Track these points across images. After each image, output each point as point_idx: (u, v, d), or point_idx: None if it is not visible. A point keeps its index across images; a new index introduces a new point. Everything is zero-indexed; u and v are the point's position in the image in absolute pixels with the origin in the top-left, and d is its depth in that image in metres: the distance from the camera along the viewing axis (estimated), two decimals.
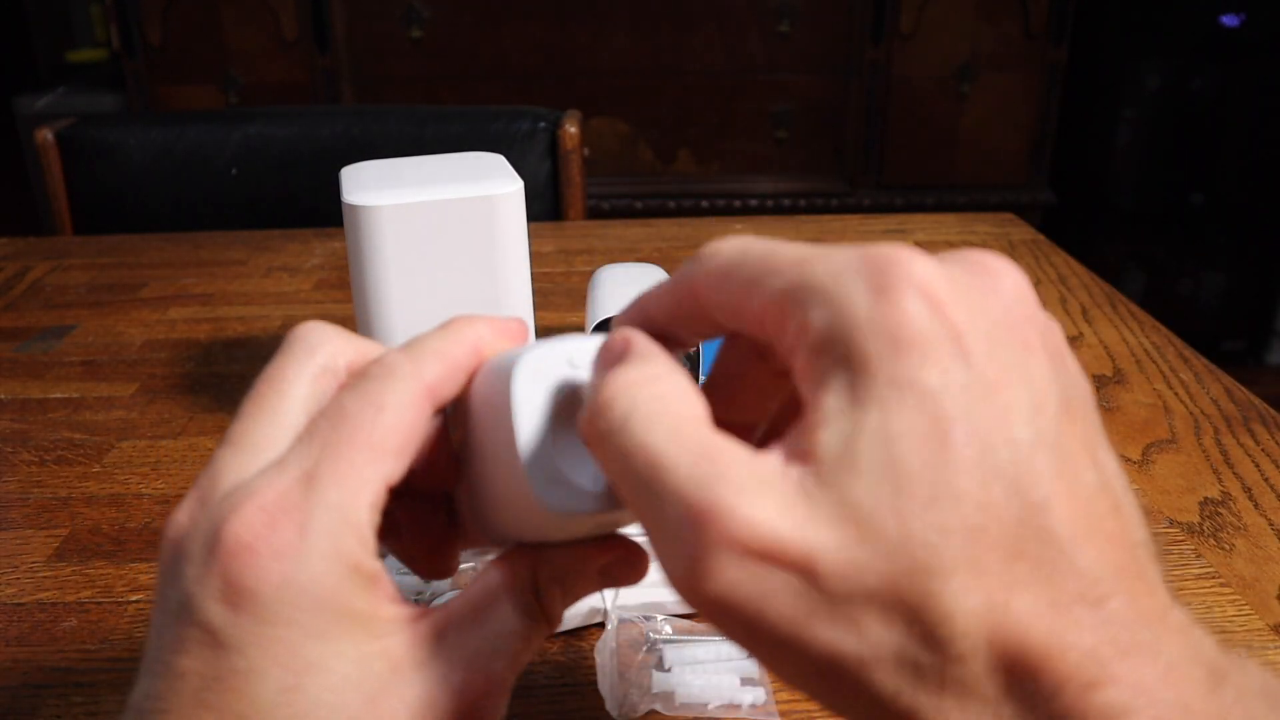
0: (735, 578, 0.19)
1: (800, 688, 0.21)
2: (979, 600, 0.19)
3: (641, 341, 0.24)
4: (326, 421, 0.25)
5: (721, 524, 0.19)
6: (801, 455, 0.20)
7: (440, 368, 0.26)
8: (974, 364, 0.20)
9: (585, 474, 0.26)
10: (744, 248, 0.23)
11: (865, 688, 0.19)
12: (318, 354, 0.27)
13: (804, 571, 0.19)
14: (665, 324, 0.26)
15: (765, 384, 0.27)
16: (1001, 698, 0.19)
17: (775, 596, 0.19)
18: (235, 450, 0.26)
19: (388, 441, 0.25)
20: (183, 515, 0.25)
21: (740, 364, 0.27)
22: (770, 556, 0.19)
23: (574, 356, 0.26)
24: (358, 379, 0.26)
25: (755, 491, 0.20)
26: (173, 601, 0.24)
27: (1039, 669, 0.19)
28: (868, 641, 0.19)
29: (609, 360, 0.24)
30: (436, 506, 0.30)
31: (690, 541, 0.20)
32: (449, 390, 0.27)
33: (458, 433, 0.29)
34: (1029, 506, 0.19)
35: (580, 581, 0.27)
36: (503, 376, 0.26)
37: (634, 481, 0.21)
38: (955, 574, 0.19)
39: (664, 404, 0.22)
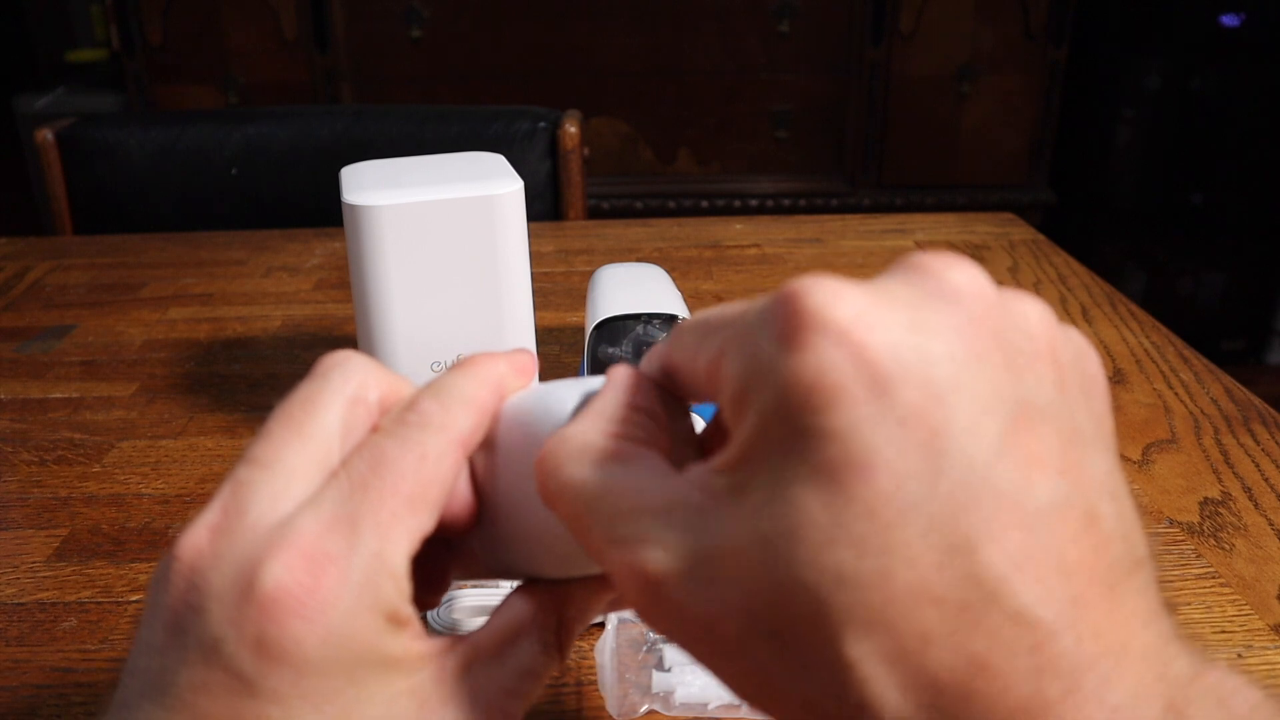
0: (665, 589, 0.21)
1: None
2: (883, 653, 0.18)
3: (609, 396, 0.25)
4: (366, 465, 0.25)
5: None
6: (702, 488, 0.21)
7: (472, 418, 0.27)
8: (893, 397, 0.19)
9: None
10: (699, 317, 0.24)
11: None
12: (351, 383, 0.27)
13: (650, 590, 0.21)
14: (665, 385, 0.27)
15: None
16: None
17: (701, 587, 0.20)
18: (264, 473, 0.25)
19: (428, 493, 0.25)
20: (201, 540, 0.24)
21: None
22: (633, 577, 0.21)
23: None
24: (397, 425, 0.26)
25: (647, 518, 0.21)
26: (193, 638, 0.23)
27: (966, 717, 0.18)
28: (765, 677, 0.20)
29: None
30: (436, 540, 0.30)
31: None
32: (478, 438, 0.27)
33: (477, 471, 0.29)
34: (951, 549, 0.18)
35: (594, 612, 0.28)
36: (545, 416, 0.26)
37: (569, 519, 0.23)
38: (849, 624, 0.18)
39: (585, 448, 0.24)
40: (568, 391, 0.27)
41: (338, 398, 0.26)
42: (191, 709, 0.23)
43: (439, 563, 0.30)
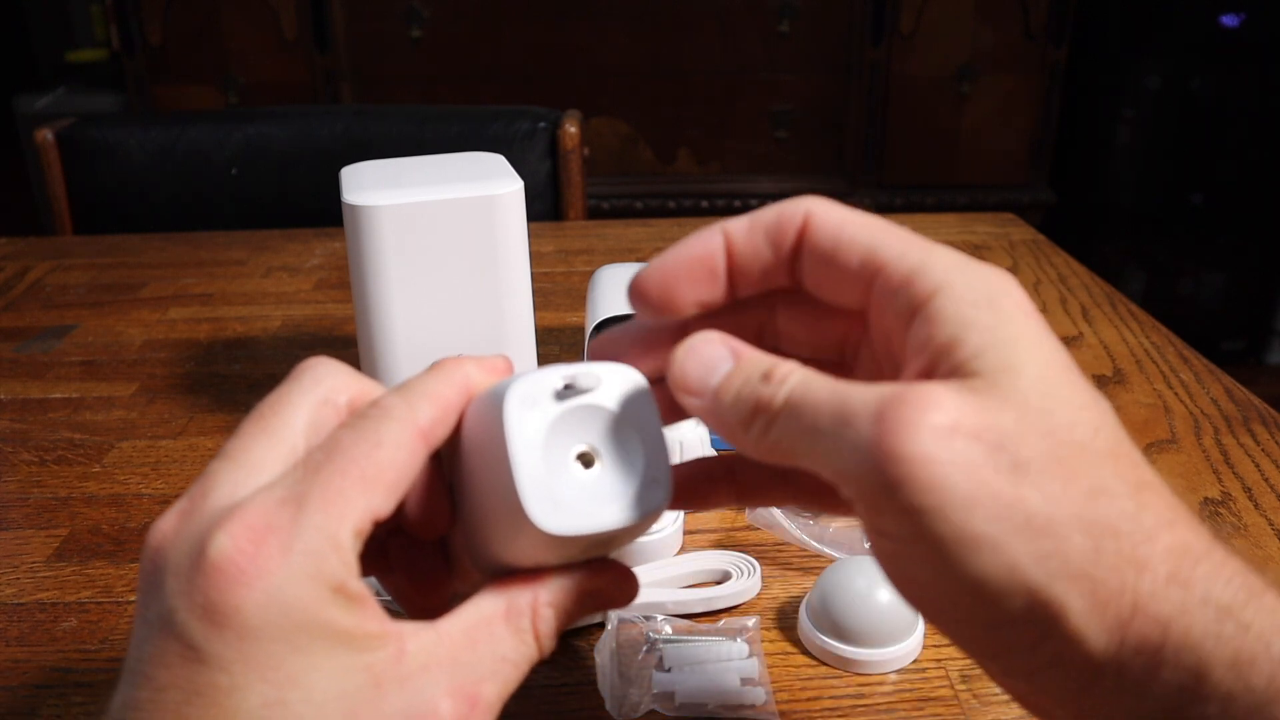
0: (927, 448, 0.22)
1: (971, 563, 0.22)
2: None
3: (734, 341, 0.27)
4: (321, 452, 0.26)
5: (910, 408, 0.22)
6: (960, 374, 0.23)
7: (433, 410, 0.27)
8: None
9: (580, 495, 0.26)
10: (840, 218, 0.27)
11: (1048, 543, 0.22)
12: (322, 386, 0.28)
13: (989, 442, 0.22)
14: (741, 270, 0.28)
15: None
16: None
17: (961, 462, 0.22)
18: (230, 464, 0.26)
19: (380, 476, 0.25)
20: (167, 524, 0.25)
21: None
22: (957, 429, 0.22)
23: (576, 379, 0.27)
24: (357, 418, 0.27)
25: (931, 390, 0.23)
26: (153, 612, 0.24)
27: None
28: (1047, 495, 0.22)
29: (704, 353, 0.27)
30: (432, 549, 0.31)
31: (882, 428, 0.22)
32: (442, 431, 0.27)
33: (452, 470, 0.29)
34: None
35: (573, 606, 0.28)
36: (494, 404, 0.26)
37: (810, 430, 0.24)
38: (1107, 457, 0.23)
39: (808, 371, 0.25)
40: (511, 381, 0.27)
41: (306, 398, 0.27)
42: (150, 681, 0.23)
43: (435, 573, 0.30)
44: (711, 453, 0.53)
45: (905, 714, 0.39)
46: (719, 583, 0.46)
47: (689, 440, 0.51)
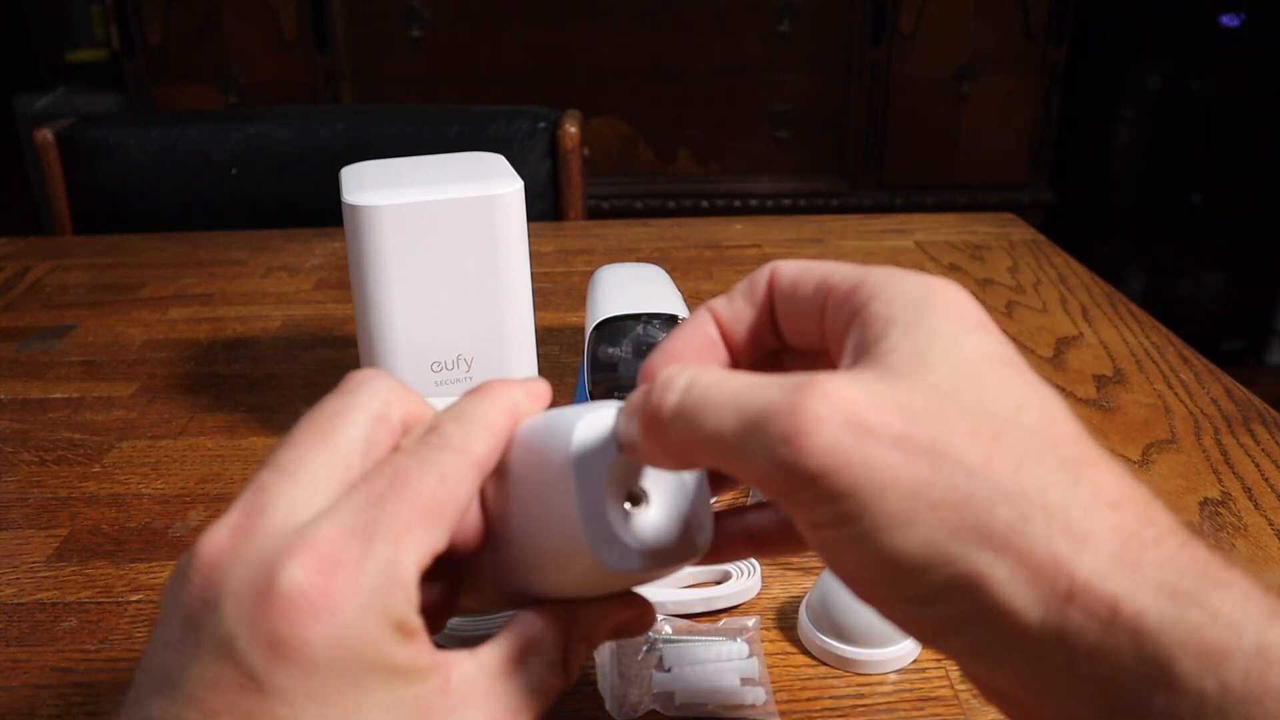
0: (831, 439, 0.22)
1: (895, 542, 0.22)
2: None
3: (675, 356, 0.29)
4: (385, 480, 0.26)
5: (811, 400, 0.23)
6: (876, 366, 0.24)
7: (489, 441, 0.28)
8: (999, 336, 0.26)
9: (631, 534, 0.27)
10: (801, 264, 0.29)
11: (968, 514, 0.22)
12: (378, 400, 0.28)
13: (896, 425, 0.22)
14: (729, 321, 0.30)
15: None
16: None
17: (869, 448, 0.22)
18: (285, 479, 0.26)
19: (443, 511, 0.26)
20: (221, 538, 0.25)
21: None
22: (861, 416, 0.22)
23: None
24: (419, 445, 0.27)
25: (831, 380, 0.23)
26: (206, 633, 0.24)
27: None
28: (963, 468, 0.22)
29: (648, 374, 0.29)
30: (446, 565, 0.31)
31: (786, 426, 0.23)
32: (493, 462, 0.28)
33: (491, 494, 0.29)
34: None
35: (601, 638, 0.29)
36: (557, 438, 0.27)
37: (718, 430, 0.24)
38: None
39: (719, 374, 0.25)
40: (574, 416, 0.27)
41: (363, 414, 0.27)
42: (200, 704, 0.23)
43: (449, 587, 0.30)
44: None
45: (905, 714, 0.39)
46: (719, 583, 0.46)
47: None
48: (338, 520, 0.24)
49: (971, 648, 0.23)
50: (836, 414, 0.22)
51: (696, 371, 0.26)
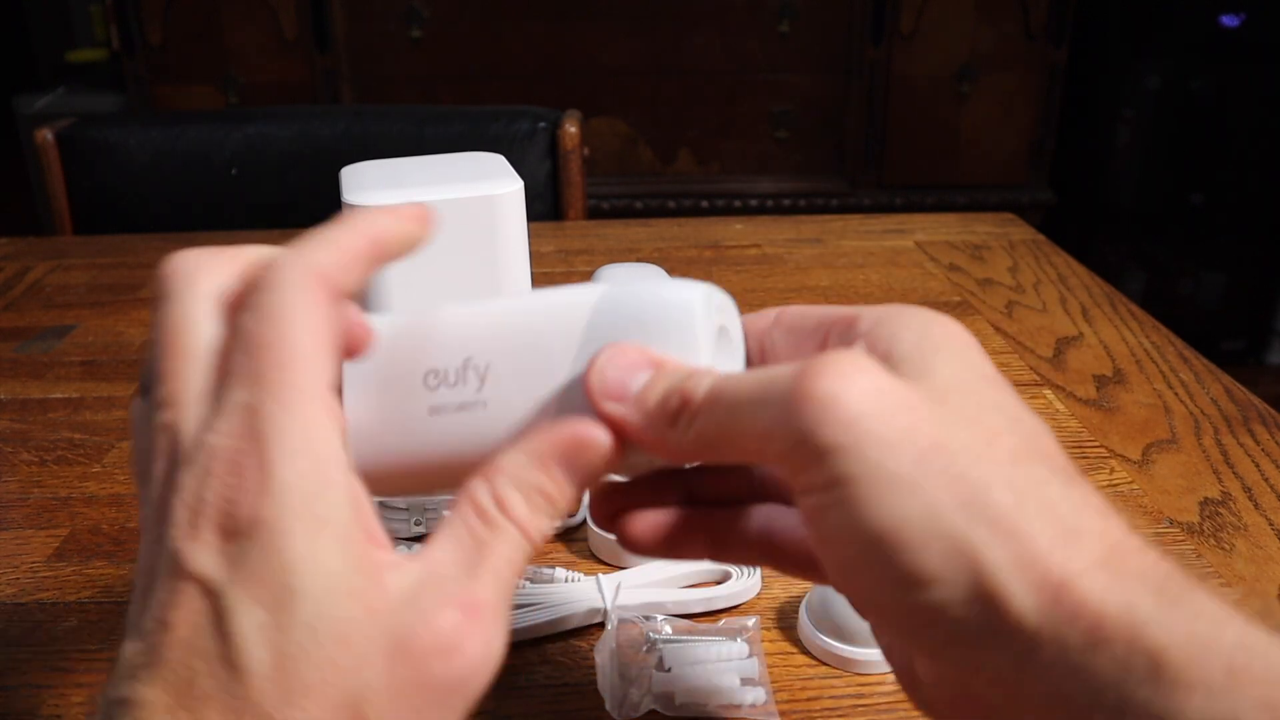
0: (842, 387, 0.23)
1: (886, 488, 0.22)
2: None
3: (652, 354, 0.28)
4: (241, 355, 0.24)
5: (825, 360, 0.23)
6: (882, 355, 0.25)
7: (334, 255, 0.26)
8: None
9: None
10: (801, 306, 0.30)
11: (967, 490, 0.22)
12: (201, 284, 0.26)
13: (906, 396, 0.23)
14: None
15: None
16: None
17: (879, 404, 0.23)
18: (180, 411, 0.24)
19: (314, 354, 0.24)
20: (156, 467, 0.24)
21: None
22: (873, 378, 0.23)
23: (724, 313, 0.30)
24: (252, 292, 0.25)
25: (846, 351, 0.24)
26: (162, 559, 0.23)
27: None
28: (968, 448, 0.23)
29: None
30: None
31: (798, 381, 0.23)
32: (348, 279, 0.26)
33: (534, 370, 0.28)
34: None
35: (543, 476, 0.26)
36: (679, 311, 0.28)
37: (732, 412, 0.25)
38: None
39: (730, 374, 0.26)
40: (698, 291, 0.28)
41: (199, 306, 0.25)
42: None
43: None
44: None
45: (905, 714, 0.39)
46: (719, 583, 0.46)
47: None
48: (228, 418, 0.23)
49: (954, 638, 0.22)
50: (848, 377, 0.23)
51: (704, 370, 0.26)
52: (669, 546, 0.30)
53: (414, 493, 0.33)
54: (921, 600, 0.22)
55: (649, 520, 0.30)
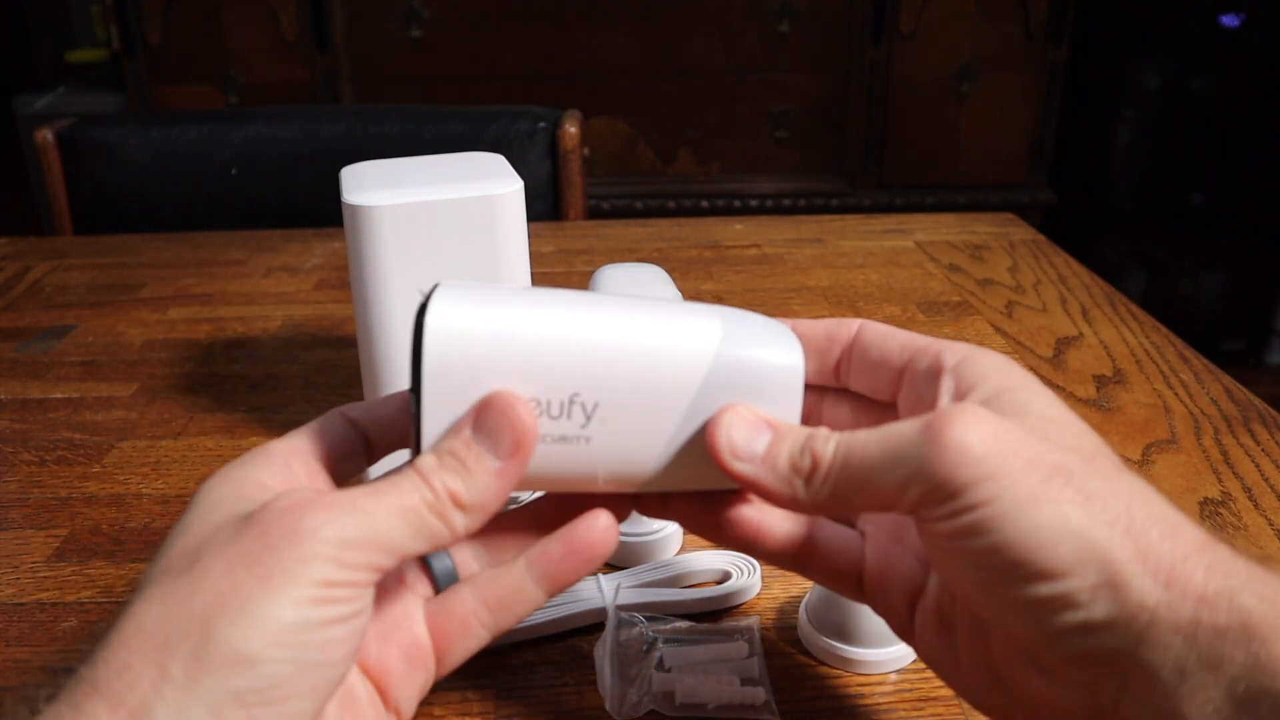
0: (976, 433, 0.26)
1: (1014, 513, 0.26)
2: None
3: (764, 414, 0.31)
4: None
5: (950, 412, 0.27)
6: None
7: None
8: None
9: None
10: (885, 326, 0.33)
11: (1093, 501, 0.26)
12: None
13: (1023, 432, 0.27)
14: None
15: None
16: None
17: (1006, 441, 0.27)
18: None
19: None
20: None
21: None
22: (994, 422, 0.27)
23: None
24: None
25: (963, 404, 0.28)
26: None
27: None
28: (1080, 467, 0.27)
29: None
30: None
31: (930, 433, 0.27)
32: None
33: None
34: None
35: (451, 441, 0.29)
36: (786, 374, 0.30)
37: (864, 470, 0.28)
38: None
39: (845, 433, 0.30)
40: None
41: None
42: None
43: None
44: None
45: (905, 714, 0.39)
46: (719, 583, 0.46)
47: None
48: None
49: (1083, 625, 0.26)
50: (973, 425, 0.27)
51: (825, 429, 0.30)
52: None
53: None
54: (1058, 591, 0.26)
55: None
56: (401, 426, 0.33)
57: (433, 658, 0.31)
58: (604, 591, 0.44)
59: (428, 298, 0.28)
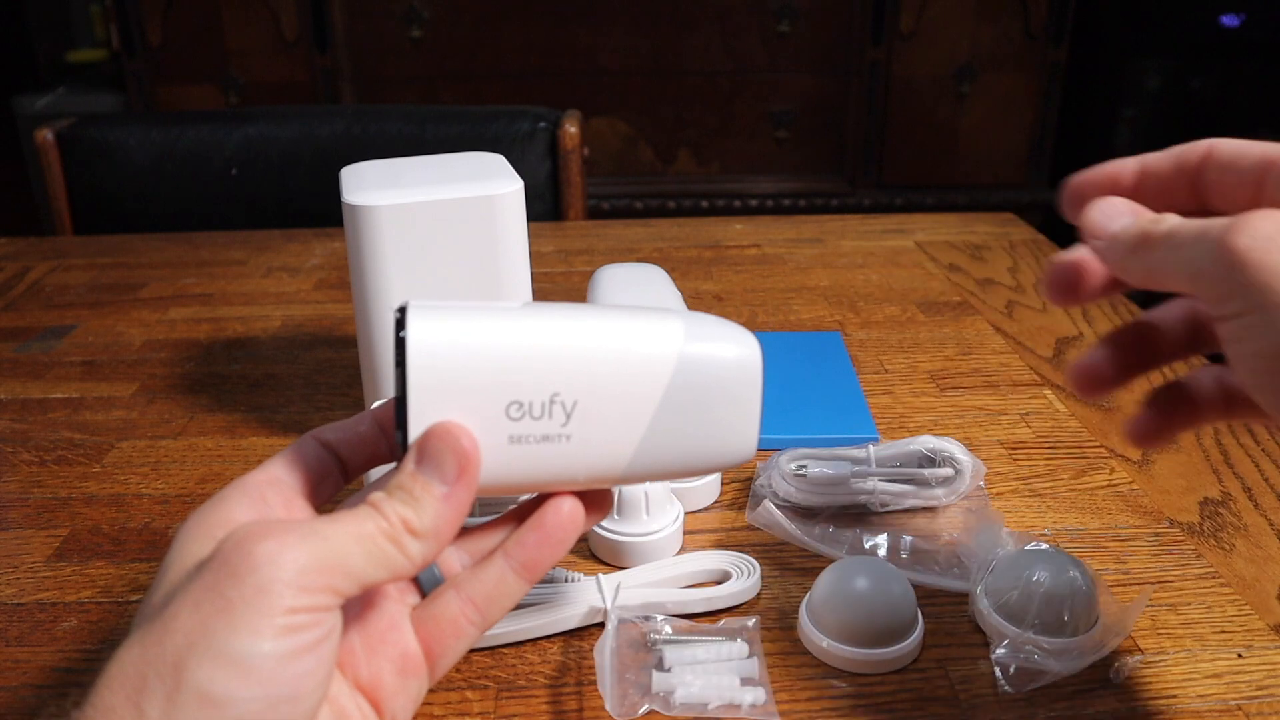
0: (1257, 241, 0.28)
1: None
2: None
3: (1136, 205, 0.35)
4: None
5: (1247, 219, 0.29)
6: None
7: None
8: None
9: None
10: (1241, 141, 0.35)
11: None
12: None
13: None
14: (1150, 176, 0.37)
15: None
16: None
17: None
18: None
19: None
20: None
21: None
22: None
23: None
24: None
25: (1266, 210, 0.29)
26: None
27: None
28: None
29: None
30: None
31: (1225, 234, 0.29)
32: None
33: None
34: None
35: (401, 475, 0.30)
36: (745, 369, 0.32)
37: (1178, 248, 0.31)
38: None
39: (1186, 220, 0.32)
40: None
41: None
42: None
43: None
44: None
45: (905, 714, 0.39)
46: (719, 583, 0.46)
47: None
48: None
49: None
50: (1263, 227, 0.28)
51: (1174, 215, 0.32)
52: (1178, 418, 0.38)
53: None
54: None
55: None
56: (375, 445, 0.34)
57: (424, 665, 0.32)
58: (604, 591, 0.44)
59: (403, 316, 0.30)
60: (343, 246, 0.93)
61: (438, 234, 0.49)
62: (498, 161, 0.55)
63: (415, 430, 0.30)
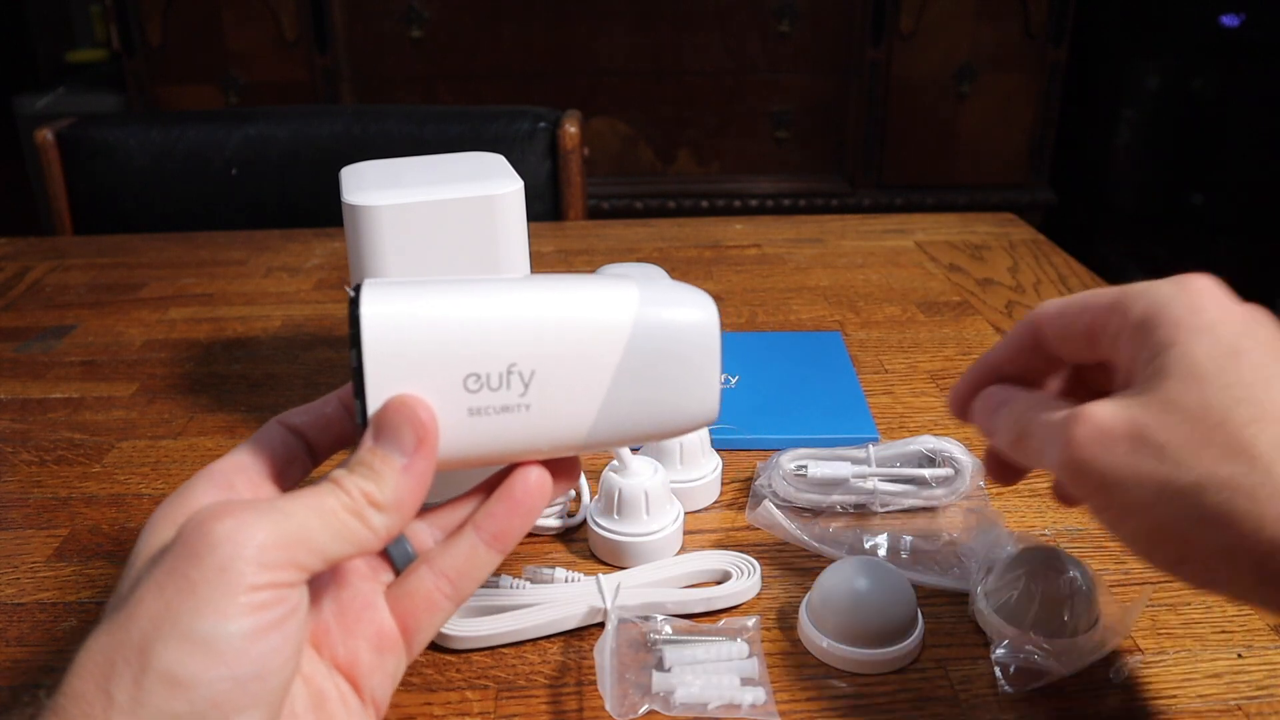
0: (1091, 452, 0.31)
1: (1139, 526, 0.31)
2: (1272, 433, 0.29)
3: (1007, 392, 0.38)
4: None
5: (1078, 425, 0.31)
6: (1127, 384, 0.32)
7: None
8: (1237, 328, 0.33)
9: None
10: (1067, 298, 0.37)
11: (1195, 507, 0.29)
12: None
13: (1135, 436, 0.30)
14: (1007, 362, 0.38)
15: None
16: None
17: (1115, 457, 0.30)
18: None
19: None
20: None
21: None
22: (1112, 431, 0.31)
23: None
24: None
25: (1093, 410, 0.31)
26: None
27: None
28: (1181, 466, 0.29)
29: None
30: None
31: (1062, 439, 0.32)
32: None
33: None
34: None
35: (362, 451, 0.30)
36: (702, 333, 0.32)
37: (1038, 445, 0.34)
38: (1252, 423, 0.29)
39: (1025, 404, 0.36)
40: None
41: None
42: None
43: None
44: (710, 451, 0.53)
45: (905, 714, 0.39)
46: (719, 583, 0.46)
47: (689, 441, 0.51)
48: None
49: (1209, 557, 0.30)
50: (1094, 435, 0.31)
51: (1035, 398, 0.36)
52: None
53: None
54: (1187, 539, 0.30)
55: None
56: (340, 426, 0.34)
57: (400, 642, 0.32)
58: (604, 591, 0.44)
59: (357, 294, 0.30)
60: (343, 246, 0.93)
61: (438, 234, 0.49)
62: (498, 161, 0.55)
63: (373, 406, 0.30)
